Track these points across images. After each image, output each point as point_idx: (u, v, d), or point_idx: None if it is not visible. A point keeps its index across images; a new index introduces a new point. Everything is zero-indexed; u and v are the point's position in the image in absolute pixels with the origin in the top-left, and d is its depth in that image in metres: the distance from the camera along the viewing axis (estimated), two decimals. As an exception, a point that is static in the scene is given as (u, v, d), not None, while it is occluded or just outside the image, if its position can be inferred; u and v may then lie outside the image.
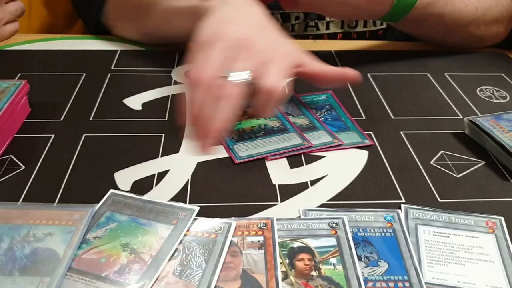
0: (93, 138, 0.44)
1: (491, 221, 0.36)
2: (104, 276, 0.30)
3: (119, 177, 0.39)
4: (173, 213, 0.35)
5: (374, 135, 0.45)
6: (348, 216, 0.35)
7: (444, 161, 0.42)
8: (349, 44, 0.65)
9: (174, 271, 0.31)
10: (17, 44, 0.62)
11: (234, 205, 0.37)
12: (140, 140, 0.44)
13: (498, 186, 0.39)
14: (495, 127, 0.43)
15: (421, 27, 0.57)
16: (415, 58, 0.61)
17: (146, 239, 0.33)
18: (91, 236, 0.33)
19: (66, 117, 0.47)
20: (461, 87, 0.54)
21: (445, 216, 0.36)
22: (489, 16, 0.57)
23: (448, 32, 0.58)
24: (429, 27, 0.57)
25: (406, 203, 0.37)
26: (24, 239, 0.32)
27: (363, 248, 0.33)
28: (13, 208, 0.35)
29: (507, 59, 0.61)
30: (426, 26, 0.57)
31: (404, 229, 0.34)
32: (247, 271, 0.31)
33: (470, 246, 0.34)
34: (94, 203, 0.35)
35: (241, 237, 0.33)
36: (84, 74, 0.54)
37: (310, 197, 0.38)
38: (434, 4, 0.53)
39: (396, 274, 0.31)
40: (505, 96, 0.53)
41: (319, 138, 0.44)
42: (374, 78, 0.56)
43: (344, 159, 0.42)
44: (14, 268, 0.30)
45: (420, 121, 0.48)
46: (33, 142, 0.43)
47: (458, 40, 0.60)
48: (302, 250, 0.32)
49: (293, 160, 0.42)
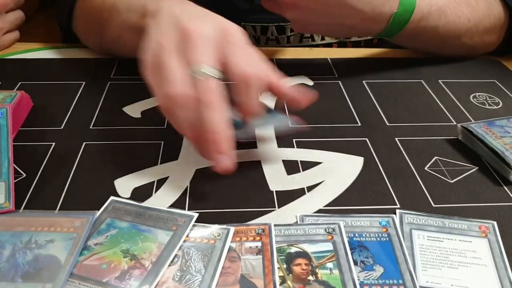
0: (93, 146, 0.44)
1: (484, 226, 0.36)
2: (105, 282, 0.31)
3: (119, 184, 0.40)
4: (172, 219, 0.35)
5: (369, 141, 0.46)
6: (344, 222, 0.36)
7: (438, 166, 0.43)
8: (344, 52, 0.66)
9: (174, 277, 0.31)
10: (17, 53, 0.62)
11: (232, 211, 0.37)
12: (140, 148, 0.44)
13: (491, 191, 0.40)
14: (488, 133, 0.44)
15: (416, 41, 0.58)
16: (410, 65, 0.62)
17: (146, 245, 0.33)
18: (92, 243, 0.33)
19: (66, 125, 0.48)
20: (454, 93, 0.55)
21: (439, 221, 0.36)
22: (482, 26, 0.58)
23: (443, 44, 0.59)
24: (423, 40, 0.58)
25: (401, 208, 0.38)
26: (26, 246, 0.33)
27: (359, 253, 0.34)
28: (15, 216, 0.35)
29: (500, 66, 0.63)
30: (421, 39, 0.57)
31: (399, 234, 0.35)
32: (246, 276, 0.31)
33: (463, 250, 0.34)
34: (95, 210, 0.36)
35: (239, 243, 0.34)
36: (84, 83, 0.55)
37: (307, 203, 0.38)
38: (428, 17, 0.54)
39: (391, 278, 0.32)
40: (498, 102, 0.54)
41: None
42: (369, 85, 0.57)
43: (340, 165, 0.43)
44: (16, 274, 0.31)
45: (414, 128, 0.49)
46: (34, 150, 0.43)
47: (452, 51, 0.61)
48: (299, 255, 0.33)
49: (290, 167, 0.42)
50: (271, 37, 0.68)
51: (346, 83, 0.57)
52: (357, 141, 0.46)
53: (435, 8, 0.54)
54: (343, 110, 0.51)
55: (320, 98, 0.53)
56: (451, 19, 0.56)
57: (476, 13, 0.57)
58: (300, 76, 0.58)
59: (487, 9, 0.58)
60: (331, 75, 0.59)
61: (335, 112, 0.51)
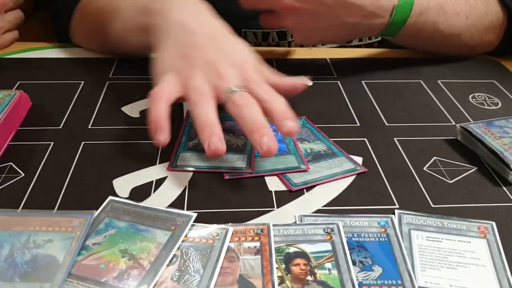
0: (92, 146, 0.44)
1: (483, 226, 0.36)
2: (103, 282, 0.30)
3: (118, 184, 0.40)
4: (171, 219, 0.35)
5: (368, 141, 0.46)
6: (343, 222, 0.36)
7: (437, 167, 0.43)
8: (343, 52, 0.66)
9: (172, 277, 0.31)
10: (16, 53, 0.62)
11: (231, 211, 0.37)
12: (138, 147, 0.44)
13: (489, 192, 0.40)
14: (486, 133, 0.44)
15: (417, 39, 0.58)
16: (409, 66, 0.62)
17: (144, 245, 0.33)
18: (90, 243, 0.33)
19: (65, 124, 0.48)
20: (453, 94, 0.55)
21: (438, 221, 0.36)
22: (480, 25, 0.58)
23: (443, 43, 0.59)
24: (425, 38, 0.58)
25: (399, 208, 0.38)
26: (24, 245, 0.33)
27: (358, 253, 0.34)
28: (13, 215, 0.35)
29: (499, 66, 0.63)
30: (422, 37, 0.57)
31: (398, 234, 0.35)
32: (244, 276, 0.31)
33: (462, 251, 0.34)
34: (93, 209, 0.36)
35: (238, 243, 0.34)
36: (83, 82, 0.55)
37: (305, 203, 0.38)
38: (427, 12, 0.55)
39: (390, 278, 0.32)
40: (497, 102, 0.54)
41: (341, 166, 0.42)
42: (368, 85, 0.57)
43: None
44: (14, 274, 0.31)
45: (413, 128, 0.49)
46: (33, 150, 0.43)
47: (453, 50, 0.61)
48: (298, 255, 0.33)
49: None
50: (272, 43, 0.68)
51: (345, 83, 0.57)
52: (356, 141, 0.46)
53: (433, 4, 0.55)
54: (342, 110, 0.51)
55: (319, 98, 0.53)
56: (449, 14, 0.56)
57: (474, 10, 0.58)
58: (299, 76, 0.58)
59: (485, 7, 0.59)
60: (330, 75, 0.59)
61: (334, 112, 0.51)
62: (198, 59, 0.42)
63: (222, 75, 0.41)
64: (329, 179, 0.40)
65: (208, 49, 0.43)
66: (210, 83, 0.41)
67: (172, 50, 0.43)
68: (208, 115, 0.39)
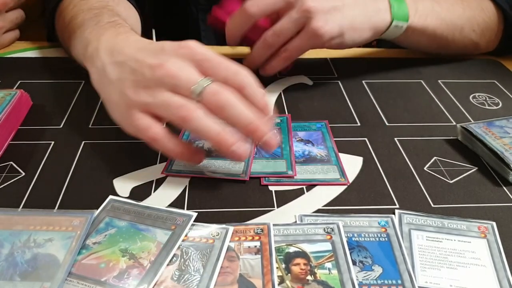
0: (93, 145, 0.44)
1: (483, 226, 0.36)
2: (103, 281, 0.31)
3: (118, 184, 0.40)
4: (171, 218, 0.35)
5: (369, 141, 0.46)
6: (343, 222, 0.36)
7: (438, 167, 0.43)
8: (344, 51, 0.66)
9: (173, 276, 0.31)
10: (17, 52, 0.62)
11: (231, 211, 0.37)
12: (139, 147, 0.44)
13: (490, 192, 0.40)
14: (487, 133, 0.44)
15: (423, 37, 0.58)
16: (409, 65, 0.62)
17: (144, 245, 0.33)
18: (90, 242, 0.33)
19: (65, 124, 0.48)
20: (454, 94, 0.55)
21: (438, 221, 0.36)
22: (480, 17, 0.59)
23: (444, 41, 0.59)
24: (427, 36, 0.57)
25: (400, 208, 0.38)
26: (25, 244, 0.33)
27: (358, 253, 0.34)
28: (13, 214, 0.35)
29: (500, 66, 0.63)
30: (427, 35, 0.57)
31: (398, 234, 0.35)
32: (244, 276, 0.31)
33: (462, 251, 0.34)
34: (94, 209, 0.36)
35: (238, 242, 0.34)
36: (83, 82, 0.55)
37: (305, 203, 0.38)
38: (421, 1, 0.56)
39: (390, 278, 0.32)
40: (498, 103, 0.54)
41: (326, 173, 0.41)
42: (369, 85, 0.57)
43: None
44: (15, 273, 0.31)
45: (414, 128, 0.49)
46: (33, 149, 0.43)
47: (456, 48, 0.61)
48: (298, 255, 0.33)
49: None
50: None
51: (345, 83, 0.57)
52: (357, 141, 0.46)
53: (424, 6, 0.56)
54: (343, 110, 0.51)
55: (320, 98, 0.53)
56: (445, 7, 0.57)
57: (468, 3, 0.59)
58: (300, 76, 0.58)
59: (478, 5, 0.59)
60: (331, 75, 0.59)
61: (335, 112, 0.51)
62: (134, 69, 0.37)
63: (172, 74, 0.36)
64: (300, 182, 0.40)
65: (137, 53, 0.38)
66: (167, 88, 0.36)
67: (105, 71, 0.39)
68: (207, 125, 0.35)
